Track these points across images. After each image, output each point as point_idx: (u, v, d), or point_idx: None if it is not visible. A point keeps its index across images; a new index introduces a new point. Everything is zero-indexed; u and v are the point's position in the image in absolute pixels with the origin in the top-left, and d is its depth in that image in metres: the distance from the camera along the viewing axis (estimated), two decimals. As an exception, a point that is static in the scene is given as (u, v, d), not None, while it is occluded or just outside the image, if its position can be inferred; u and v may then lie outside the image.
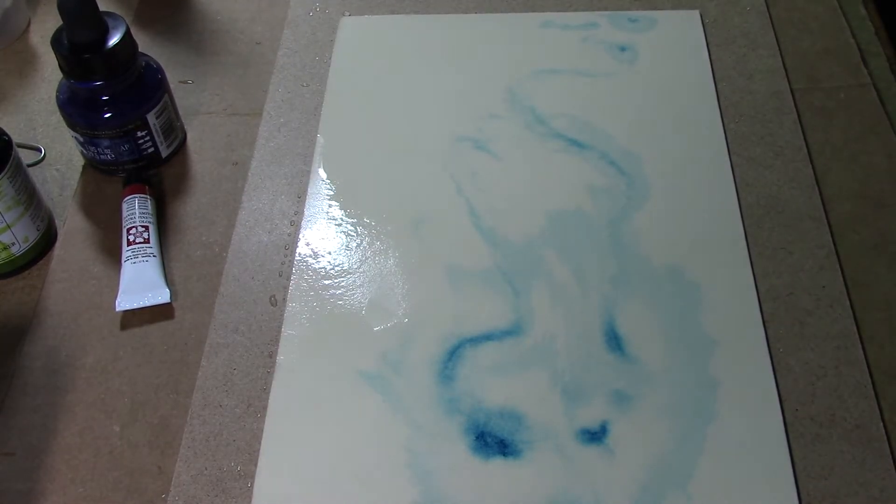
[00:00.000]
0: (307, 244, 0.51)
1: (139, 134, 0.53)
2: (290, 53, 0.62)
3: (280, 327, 0.48)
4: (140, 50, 0.52)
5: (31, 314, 0.49)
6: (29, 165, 0.55)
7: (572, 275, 0.49)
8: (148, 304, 0.48)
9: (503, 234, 0.51)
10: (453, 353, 0.46)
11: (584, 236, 0.50)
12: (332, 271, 0.50)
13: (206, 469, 0.43)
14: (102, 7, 0.50)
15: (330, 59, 0.61)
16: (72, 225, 0.53)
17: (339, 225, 0.52)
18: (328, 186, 0.54)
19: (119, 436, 0.44)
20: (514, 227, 0.51)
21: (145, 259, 0.49)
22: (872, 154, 0.54)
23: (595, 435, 0.43)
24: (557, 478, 0.42)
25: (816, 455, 0.42)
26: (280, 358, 0.46)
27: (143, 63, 0.53)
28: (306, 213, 0.53)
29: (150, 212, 0.52)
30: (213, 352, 0.47)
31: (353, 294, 0.49)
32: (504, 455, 0.43)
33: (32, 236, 0.50)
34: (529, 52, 0.60)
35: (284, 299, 0.49)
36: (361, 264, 0.50)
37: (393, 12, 0.64)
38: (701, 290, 0.48)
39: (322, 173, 0.54)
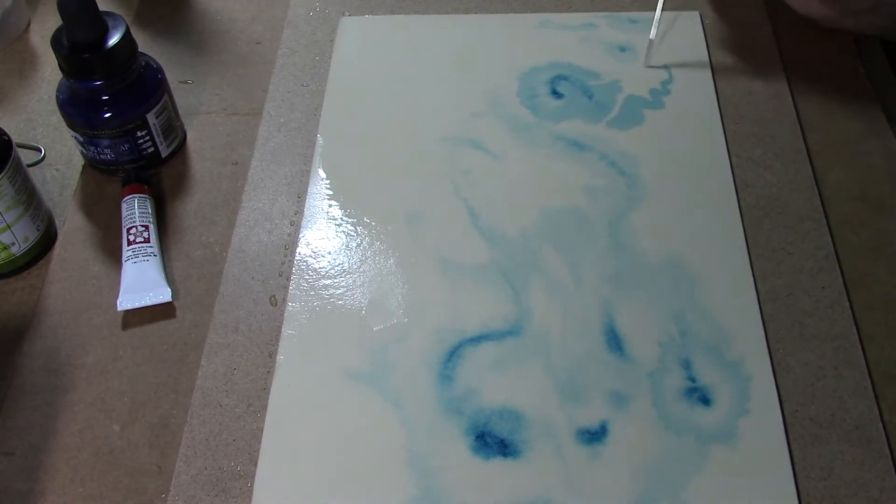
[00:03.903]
0: (307, 244, 0.51)
1: (139, 134, 0.53)
2: (290, 53, 0.62)
3: (280, 327, 0.48)
4: (140, 50, 0.52)
5: (31, 314, 0.49)
6: (29, 165, 0.55)
7: (572, 275, 0.49)
8: (150, 303, 0.48)
9: (502, 235, 0.51)
10: (453, 353, 0.46)
11: (584, 236, 0.51)
12: (332, 271, 0.50)
13: (206, 469, 0.43)
14: (102, 7, 0.50)
15: (330, 59, 0.61)
16: (72, 225, 0.53)
17: (339, 225, 0.52)
18: (328, 186, 0.54)
19: (119, 436, 0.44)
20: (513, 228, 0.51)
21: (146, 259, 0.49)
22: (872, 155, 0.55)
23: (595, 435, 0.43)
24: (557, 477, 0.42)
25: (816, 455, 0.42)
26: (280, 358, 0.46)
27: (143, 63, 0.53)
28: (306, 213, 0.53)
29: (149, 211, 0.52)
30: (213, 352, 0.47)
31: (353, 294, 0.49)
32: (504, 455, 0.43)
33: (32, 236, 0.50)
34: (528, 52, 0.61)
35: (284, 299, 0.49)
36: (361, 264, 0.50)
37: (393, 12, 0.64)
38: (700, 290, 0.48)
39: (322, 173, 0.55)
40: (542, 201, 0.52)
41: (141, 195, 0.52)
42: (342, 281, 0.49)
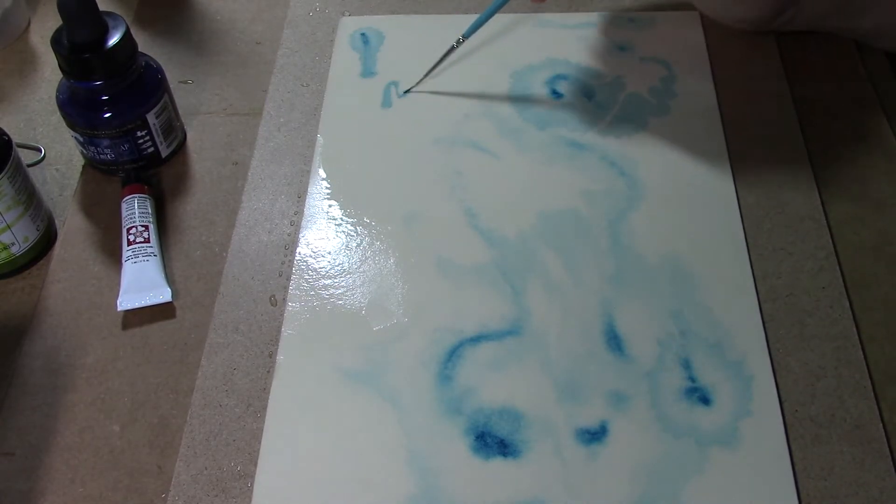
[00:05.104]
0: (307, 244, 0.51)
1: (139, 134, 0.53)
2: (290, 53, 0.62)
3: (280, 327, 0.48)
4: (140, 50, 0.52)
5: (31, 314, 0.49)
6: (29, 165, 0.55)
7: (572, 275, 0.49)
8: (150, 303, 0.48)
9: (502, 235, 0.51)
10: (453, 353, 0.46)
11: (584, 237, 0.51)
12: (332, 271, 0.50)
13: (206, 469, 0.43)
14: (102, 7, 0.50)
15: (330, 59, 0.61)
16: (72, 225, 0.53)
17: (339, 225, 0.52)
18: (328, 186, 0.54)
19: (119, 436, 0.44)
20: (514, 228, 0.51)
21: (146, 259, 0.49)
22: (872, 154, 0.55)
23: (595, 435, 0.43)
24: (557, 478, 0.42)
25: (816, 455, 0.42)
26: (280, 358, 0.46)
27: (143, 63, 0.53)
28: (306, 213, 0.53)
29: (149, 211, 0.52)
30: (213, 352, 0.47)
31: (353, 294, 0.49)
32: (504, 455, 0.43)
33: (32, 236, 0.50)
34: (528, 52, 0.61)
35: (284, 299, 0.49)
36: (361, 264, 0.50)
37: (393, 12, 0.64)
38: (700, 290, 0.48)
39: (322, 173, 0.55)
40: (542, 202, 0.52)
41: (141, 195, 0.52)
42: (342, 281, 0.49)
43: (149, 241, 0.50)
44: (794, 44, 0.61)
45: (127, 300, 0.48)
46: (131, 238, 0.50)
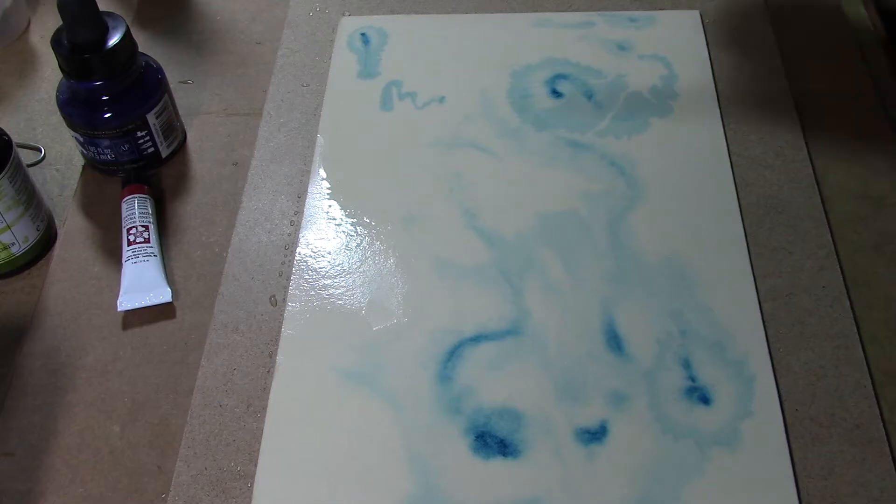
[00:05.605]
0: (307, 244, 0.51)
1: (139, 134, 0.53)
2: (290, 53, 0.62)
3: (280, 327, 0.48)
4: (140, 50, 0.52)
5: (31, 314, 0.49)
6: (29, 165, 0.55)
7: (571, 275, 0.49)
8: (150, 303, 0.48)
9: (502, 235, 0.51)
10: (453, 353, 0.46)
11: (584, 237, 0.50)
12: (331, 271, 0.50)
13: (206, 469, 0.43)
14: (102, 7, 0.50)
15: (330, 59, 0.61)
16: (72, 225, 0.53)
17: (339, 225, 0.52)
18: (328, 186, 0.54)
19: (119, 436, 0.44)
20: (514, 228, 0.51)
21: (146, 259, 0.49)
22: (872, 154, 0.54)
23: (595, 434, 0.43)
24: (557, 477, 0.42)
25: (816, 455, 0.42)
26: (280, 358, 0.46)
27: (143, 63, 0.53)
28: (306, 213, 0.53)
29: (149, 211, 0.52)
30: (213, 352, 0.47)
31: (353, 294, 0.49)
32: (504, 455, 0.43)
33: (32, 236, 0.50)
34: (528, 52, 0.61)
35: (284, 299, 0.49)
36: (361, 264, 0.50)
37: (393, 12, 0.64)
38: (700, 290, 0.48)
39: (322, 173, 0.55)
40: (542, 202, 0.52)
41: (141, 195, 0.52)
42: (342, 281, 0.49)
43: (149, 241, 0.50)
44: (795, 43, 0.61)
45: (127, 300, 0.48)
46: (131, 238, 0.50)
